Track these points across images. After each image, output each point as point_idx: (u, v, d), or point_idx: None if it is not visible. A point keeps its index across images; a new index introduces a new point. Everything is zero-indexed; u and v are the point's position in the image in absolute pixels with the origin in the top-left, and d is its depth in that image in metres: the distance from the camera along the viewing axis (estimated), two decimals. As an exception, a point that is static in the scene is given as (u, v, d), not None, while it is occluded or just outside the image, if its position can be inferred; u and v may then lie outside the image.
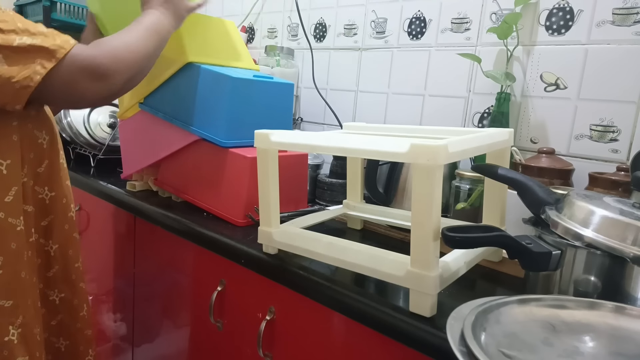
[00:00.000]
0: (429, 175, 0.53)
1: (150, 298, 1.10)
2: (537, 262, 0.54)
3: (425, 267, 0.56)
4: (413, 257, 0.57)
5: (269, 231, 0.76)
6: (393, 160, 0.58)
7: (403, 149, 0.55)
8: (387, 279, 0.61)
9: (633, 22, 0.88)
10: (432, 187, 0.53)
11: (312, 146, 0.70)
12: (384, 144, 0.59)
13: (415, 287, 0.57)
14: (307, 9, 1.44)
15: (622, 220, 0.54)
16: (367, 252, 0.65)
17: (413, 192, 0.55)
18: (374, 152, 0.61)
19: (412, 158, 0.54)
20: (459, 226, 0.57)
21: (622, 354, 0.45)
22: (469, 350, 0.40)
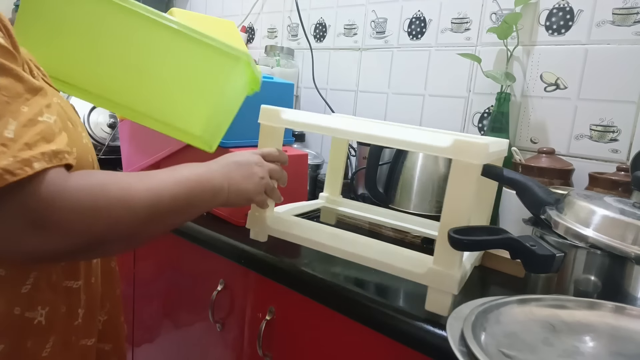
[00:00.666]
0: (469, 173, 0.53)
1: (150, 298, 1.10)
2: (540, 265, 0.54)
3: (450, 266, 0.56)
4: (437, 255, 0.56)
5: (262, 215, 0.71)
6: (431, 154, 0.57)
7: (445, 143, 0.54)
8: (404, 276, 0.60)
9: (633, 22, 0.88)
10: (469, 185, 0.53)
11: (332, 129, 0.64)
12: (423, 136, 0.57)
13: (437, 285, 0.57)
14: (307, 9, 1.44)
15: (624, 219, 0.54)
16: (379, 247, 0.64)
17: (448, 188, 0.55)
18: (411, 144, 0.57)
19: (455, 154, 0.53)
20: (464, 228, 0.57)
21: (622, 354, 0.45)
22: (469, 350, 0.40)
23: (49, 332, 0.50)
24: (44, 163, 0.39)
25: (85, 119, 1.40)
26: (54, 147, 0.41)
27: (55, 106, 0.45)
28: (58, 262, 0.50)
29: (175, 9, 1.04)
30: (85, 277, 0.55)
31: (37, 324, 0.49)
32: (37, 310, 0.49)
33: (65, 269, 0.52)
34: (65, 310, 0.52)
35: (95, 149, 1.49)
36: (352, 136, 0.64)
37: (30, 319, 0.48)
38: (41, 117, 0.41)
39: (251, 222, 0.73)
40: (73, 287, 0.53)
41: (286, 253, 0.76)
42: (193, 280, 0.97)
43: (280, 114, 0.66)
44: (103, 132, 1.41)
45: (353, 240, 0.66)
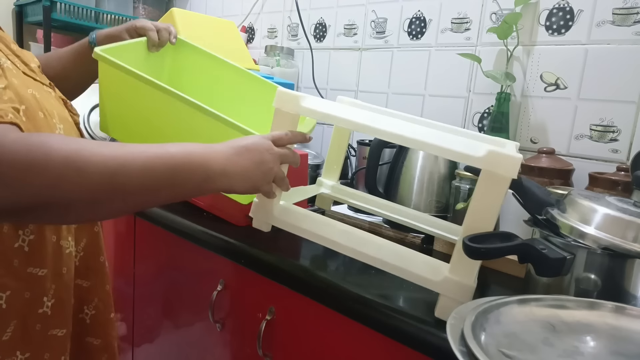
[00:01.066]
0: (500, 185, 0.52)
1: (150, 298, 1.10)
2: (552, 268, 0.54)
3: (467, 276, 0.55)
4: (454, 265, 0.55)
5: (269, 204, 0.67)
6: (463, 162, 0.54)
7: (479, 153, 0.52)
8: (418, 282, 0.58)
9: (633, 22, 0.88)
10: (498, 197, 0.52)
11: (358, 124, 0.59)
12: (456, 144, 0.54)
13: (452, 294, 0.56)
14: (307, 9, 1.44)
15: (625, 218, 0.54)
16: (393, 249, 0.62)
17: (474, 198, 0.53)
18: (444, 150, 0.55)
19: (488, 165, 0.52)
20: (477, 235, 0.56)
21: (622, 354, 0.45)
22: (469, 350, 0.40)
23: (10, 316, 0.51)
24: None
25: (85, 119, 1.40)
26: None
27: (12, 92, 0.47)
28: (5, 220, 0.48)
29: (175, 9, 1.04)
30: (54, 266, 0.55)
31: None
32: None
33: (29, 256, 0.52)
34: (29, 297, 0.52)
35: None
36: (378, 134, 0.58)
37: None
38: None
39: (256, 210, 0.68)
40: (38, 275, 0.53)
41: (286, 253, 0.76)
42: (193, 280, 0.97)
43: (300, 100, 0.61)
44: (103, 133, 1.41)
45: (366, 240, 0.63)
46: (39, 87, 0.55)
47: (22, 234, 0.51)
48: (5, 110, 0.42)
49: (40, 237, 0.53)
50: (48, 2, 1.48)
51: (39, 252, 0.53)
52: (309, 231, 0.65)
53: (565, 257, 0.52)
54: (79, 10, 1.58)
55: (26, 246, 0.52)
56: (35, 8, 1.58)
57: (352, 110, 0.64)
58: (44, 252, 0.53)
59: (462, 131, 0.81)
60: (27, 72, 0.56)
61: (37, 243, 0.53)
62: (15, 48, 0.57)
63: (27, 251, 0.52)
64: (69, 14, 1.56)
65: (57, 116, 0.55)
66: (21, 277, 0.51)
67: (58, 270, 0.56)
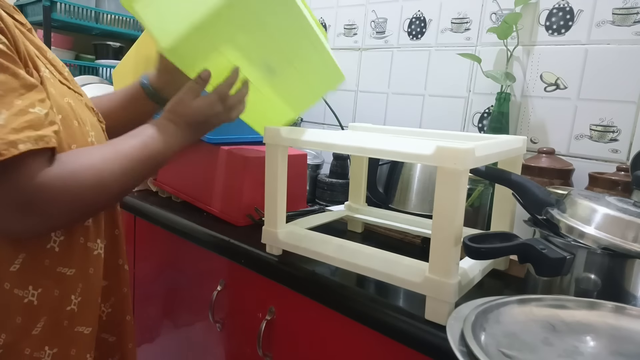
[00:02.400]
0: (454, 179, 0.52)
1: (150, 298, 1.10)
2: (552, 268, 0.54)
3: (445, 274, 0.54)
4: (432, 264, 0.56)
5: (274, 231, 0.74)
6: (416, 162, 0.56)
7: (428, 151, 0.53)
8: (403, 285, 0.59)
9: (633, 22, 0.88)
10: (457, 191, 0.52)
11: (329, 145, 0.66)
12: (408, 145, 0.57)
13: (433, 294, 0.56)
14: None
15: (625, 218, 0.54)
16: (380, 257, 0.64)
17: (436, 196, 0.54)
18: (396, 153, 0.58)
19: (438, 161, 0.53)
20: (477, 235, 0.56)
21: (622, 354, 0.45)
22: (469, 350, 0.40)
23: (40, 312, 0.54)
24: (29, 145, 0.45)
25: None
26: (40, 132, 0.46)
27: (51, 102, 0.51)
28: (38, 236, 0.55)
29: None
30: (82, 266, 0.58)
31: (28, 302, 0.53)
32: (28, 290, 0.53)
33: (60, 256, 0.55)
34: (58, 295, 0.55)
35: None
36: (341, 149, 0.67)
37: (19, 296, 0.52)
38: (32, 108, 0.47)
39: (265, 237, 0.76)
40: (67, 274, 0.56)
41: (286, 253, 0.76)
42: (193, 280, 0.97)
43: (280, 132, 0.70)
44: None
45: (357, 251, 0.66)
46: (73, 96, 0.58)
47: (53, 236, 0.55)
48: (49, 136, 0.47)
49: (69, 239, 0.56)
50: (48, 2, 1.48)
51: (68, 252, 0.56)
52: (309, 249, 0.71)
53: (565, 257, 0.52)
54: (79, 10, 1.58)
55: (57, 247, 0.55)
56: (35, 8, 1.58)
57: (322, 133, 0.69)
58: (72, 253, 0.57)
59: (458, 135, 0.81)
60: (62, 80, 0.59)
61: (67, 244, 0.56)
62: (51, 57, 0.61)
63: (57, 251, 0.55)
64: (69, 14, 1.56)
65: (89, 124, 0.59)
66: (51, 275, 0.55)
67: (85, 270, 0.59)
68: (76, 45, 1.73)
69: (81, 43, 1.76)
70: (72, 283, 0.57)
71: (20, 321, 0.52)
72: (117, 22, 1.70)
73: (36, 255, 0.53)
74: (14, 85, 0.46)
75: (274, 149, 0.72)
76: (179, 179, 1.05)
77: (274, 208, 0.74)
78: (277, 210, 0.73)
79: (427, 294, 0.57)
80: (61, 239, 0.55)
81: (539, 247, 0.53)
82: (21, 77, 0.47)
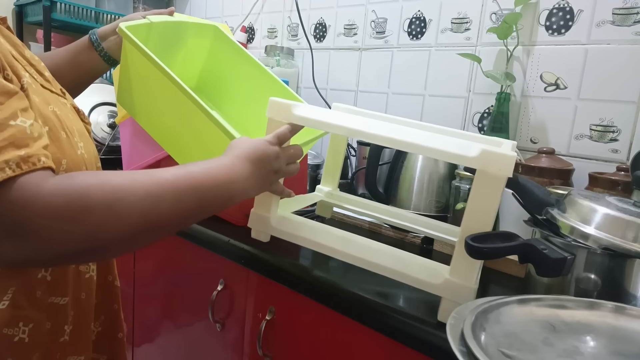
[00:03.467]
0: (496, 184, 0.52)
1: (150, 298, 1.10)
2: (553, 268, 0.54)
3: (467, 278, 0.54)
4: (455, 267, 0.55)
5: (266, 215, 0.68)
6: (457, 163, 0.55)
7: (472, 153, 0.52)
8: (417, 285, 0.58)
9: (633, 22, 0.88)
10: (495, 196, 0.52)
11: (351, 130, 0.60)
12: (449, 145, 0.55)
13: (453, 297, 0.55)
14: (307, 9, 1.44)
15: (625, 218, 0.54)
16: (391, 253, 0.62)
17: (472, 198, 0.53)
18: (436, 151, 0.55)
19: (482, 165, 0.52)
20: (479, 235, 0.56)
21: (622, 354, 0.45)
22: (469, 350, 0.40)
23: (32, 349, 0.48)
24: (8, 171, 0.37)
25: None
26: (23, 152, 0.38)
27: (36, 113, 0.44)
28: (45, 267, 0.48)
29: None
30: (74, 293, 0.53)
31: (19, 341, 0.47)
32: (19, 327, 0.47)
33: (52, 285, 0.50)
34: (50, 327, 0.50)
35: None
36: (372, 138, 0.59)
37: (9, 335, 0.46)
38: (14, 120, 0.39)
39: (253, 221, 0.70)
40: (59, 304, 0.51)
41: (286, 253, 0.76)
42: (193, 280, 0.97)
43: (292, 109, 0.62)
44: (103, 132, 1.41)
45: (365, 246, 0.63)
46: (56, 101, 0.52)
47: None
48: (37, 155, 0.39)
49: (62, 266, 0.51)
50: (48, 2, 1.48)
51: (61, 280, 0.51)
52: (307, 239, 0.66)
53: (566, 257, 0.52)
54: (79, 10, 1.58)
55: (49, 276, 0.49)
56: (35, 8, 1.58)
57: (345, 117, 0.64)
58: (66, 280, 0.51)
59: (459, 132, 0.81)
60: (44, 84, 0.52)
61: (59, 271, 0.51)
62: (29, 55, 0.53)
63: (49, 280, 0.49)
64: (69, 14, 1.56)
65: (77, 133, 0.52)
66: (43, 307, 0.49)
67: (77, 296, 0.54)
68: (76, 45, 1.73)
69: (81, 43, 1.76)
70: (64, 312, 0.52)
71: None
72: (117, 22, 1.70)
73: (27, 288, 0.47)
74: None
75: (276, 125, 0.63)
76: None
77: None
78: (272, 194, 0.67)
79: (445, 296, 0.56)
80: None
81: (539, 247, 0.53)
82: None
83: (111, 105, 1.47)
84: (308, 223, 0.69)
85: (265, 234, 0.70)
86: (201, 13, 1.81)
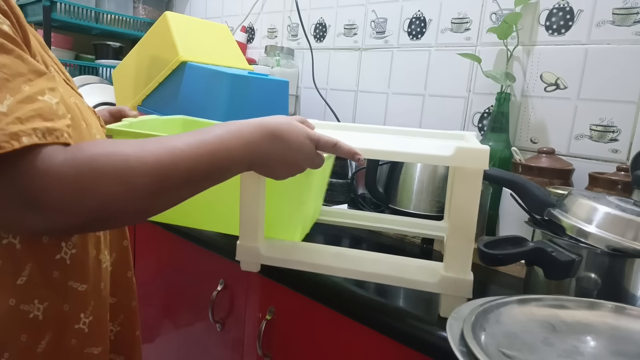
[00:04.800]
0: (474, 179, 0.54)
1: (150, 298, 1.10)
2: (561, 271, 0.54)
3: (462, 271, 0.56)
4: (448, 262, 0.57)
5: (254, 246, 0.67)
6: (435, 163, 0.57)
7: (447, 152, 0.55)
8: (417, 287, 0.60)
9: (633, 22, 0.88)
10: (475, 190, 0.54)
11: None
12: (426, 147, 0.58)
13: (452, 292, 0.57)
14: (307, 9, 1.44)
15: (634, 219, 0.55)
16: (388, 261, 0.64)
17: (454, 195, 0.55)
18: (415, 156, 0.59)
19: (458, 162, 0.54)
20: (491, 241, 0.57)
21: (622, 354, 0.45)
22: (469, 350, 0.40)
23: (45, 328, 0.49)
24: (34, 138, 0.37)
25: (85, 119, 1.40)
26: (49, 124, 0.39)
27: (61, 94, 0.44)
28: (60, 237, 0.48)
29: (169, 13, 1.04)
30: (94, 281, 0.53)
31: (33, 317, 0.47)
32: (34, 304, 0.47)
33: (70, 268, 0.50)
34: (67, 310, 0.50)
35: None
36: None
37: (25, 311, 0.47)
38: (42, 96, 0.40)
39: (240, 253, 0.68)
40: (78, 290, 0.51)
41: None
42: (193, 280, 0.97)
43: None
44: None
45: (359, 257, 0.65)
46: (76, 96, 0.53)
47: (64, 246, 0.49)
48: (61, 130, 0.40)
49: (83, 251, 0.51)
50: (48, 2, 1.48)
51: (81, 266, 0.51)
52: (301, 261, 0.66)
53: (574, 259, 0.53)
54: (79, 10, 1.58)
55: (68, 259, 0.49)
56: (35, 8, 1.58)
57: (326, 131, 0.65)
58: (86, 267, 0.51)
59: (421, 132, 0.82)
60: (66, 80, 0.53)
61: (80, 257, 0.51)
62: (52, 55, 0.54)
63: (68, 264, 0.49)
64: (69, 14, 1.56)
65: (95, 127, 0.53)
66: (60, 289, 0.49)
67: (97, 286, 0.54)
68: (76, 45, 1.73)
69: (81, 43, 1.76)
70: (83, 299, 0.52)
71: (25, 339, 0.47)
72: (117, 22, 1.70)
73: (44, 267, 0.47)
74: (21, 70, 0.39)
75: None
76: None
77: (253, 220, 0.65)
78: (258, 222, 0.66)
79: (444, 292, 0.58)
80: (73, 251, 0.50)
81: (548, 250, 0.54)
82: (28, 61, 0.41)
83: (111, 105, 1.47)
84: (298, 245, 0.70)
85: (256, 264, 0.69)
86: (201, 13, 1.82)
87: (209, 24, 1.14)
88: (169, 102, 1.01)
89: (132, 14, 1.80)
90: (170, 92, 1.00)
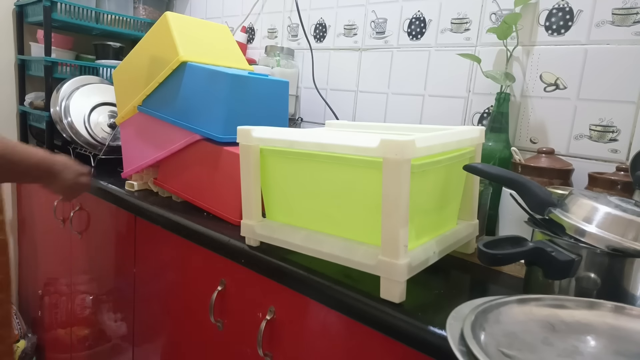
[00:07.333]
0: (397, 168, 0.57)
1: (150, 298, 1.10)
2: (561, 271, 0.54)
3: (395, 256, 0.59)
4: (383, 247, 0.60)
5: (251, 224, 0.79)
6: (362, 155, 0.61)
7: (373, 144, 0.58)
8: (360, 268, 0.64)
9: (633, 22, 0.88)
10: (400, 180, 0.57)
11: (290, 141, 0.71)
12: (356, 140, 0.62)
13: (387, 275, 0.61)
14: (307, 9, 1.44)
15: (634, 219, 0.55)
16: (342, 243, 0.68)
17: (383, 185, 0.58)
18: (347, 147, 0.63)
19: (382, 153, 0.57)
20: (490, 241, 0.58)
21: (622, 354, 0.46)
22: (469, 350, 0.40)
23: None
24: None
25: (86, 119, 1.40)
26: None
27: None
28: None
29: (169, 14, 1.04)
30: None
31: None
32: None
33: None
34: None
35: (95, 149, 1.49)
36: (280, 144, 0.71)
37: None
38: None
39: (244, 230, 0.81)
40: None
41: (286, 253, 0.76)
42: (193, 280, 0.97)
43: (251, 132, 0.74)
44: (103, 132, 1.41)
45: (321, 240, 0.71)
46: None
47: None
48: None
49: None
50: (48, 2, 1.48)
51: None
52: (281, 239, 0.75)
53: (574, 259, 0.53)
54: (79, 10, 1.58)
55: None
56: (35, 8, 1.58)
57: (284, 131, 0.73)
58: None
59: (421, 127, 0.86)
60: None
61: None
62: None
63: None
64: (69, 14, 1.56)
65: None
66: None
67: None
68: (76, 45, 1.73)
69: (81, 43, 1.76)
70: None
71: None
72: (117, 22, 1.70)
73: None
74: None
75: (246, 149, 0.76)
76: (179, 179, 1.05)
77: (249, 203, 0.78)
78: (252, 204, 0.78)
79: (381, 275, 0.62)
80: None
81: (547, 249, 0.54)
82: None
83: (111, 105, 1.47)
84: (283, 226, 0.78)
85: (255, 240, 0.81)
86: (201, 13, 1.82)
87: (209, 24, 1.14)
88: (169, 102, 1.01)
89: (132, 14, 1.80)
90: (170, 92, 1.01)
